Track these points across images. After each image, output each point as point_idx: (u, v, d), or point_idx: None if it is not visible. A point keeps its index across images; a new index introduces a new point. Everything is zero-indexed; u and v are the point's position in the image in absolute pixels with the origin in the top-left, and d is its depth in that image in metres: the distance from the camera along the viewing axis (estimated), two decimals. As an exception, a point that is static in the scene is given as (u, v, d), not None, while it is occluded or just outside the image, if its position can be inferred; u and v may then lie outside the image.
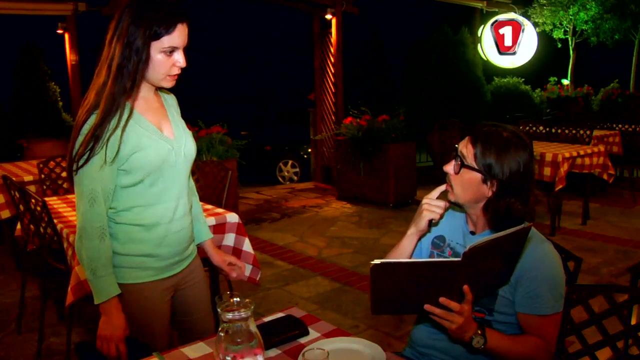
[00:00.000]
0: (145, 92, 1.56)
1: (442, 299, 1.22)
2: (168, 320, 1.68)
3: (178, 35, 1.46)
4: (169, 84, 1.54)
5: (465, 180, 1.43)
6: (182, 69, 1.53)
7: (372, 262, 1.16)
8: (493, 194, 1.40)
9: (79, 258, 1.54)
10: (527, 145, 1.40)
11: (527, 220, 1.45)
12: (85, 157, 1.44)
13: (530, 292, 1.36)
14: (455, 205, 1.53)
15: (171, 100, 1.70)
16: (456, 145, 1.47)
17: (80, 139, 1.45)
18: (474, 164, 1.40)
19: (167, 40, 1.45)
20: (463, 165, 1.42)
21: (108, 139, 1.45)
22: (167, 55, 1.47)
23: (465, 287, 1.22)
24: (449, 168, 1.46)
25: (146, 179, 1.53)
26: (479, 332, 1.28)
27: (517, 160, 1.37)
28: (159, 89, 1.62)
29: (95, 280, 1.49)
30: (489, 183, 1.40)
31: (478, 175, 1.40)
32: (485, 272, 1.26)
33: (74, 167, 1.46)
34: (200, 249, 1.84)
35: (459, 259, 1.18)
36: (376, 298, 1.22)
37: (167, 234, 1.60)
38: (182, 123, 1.68)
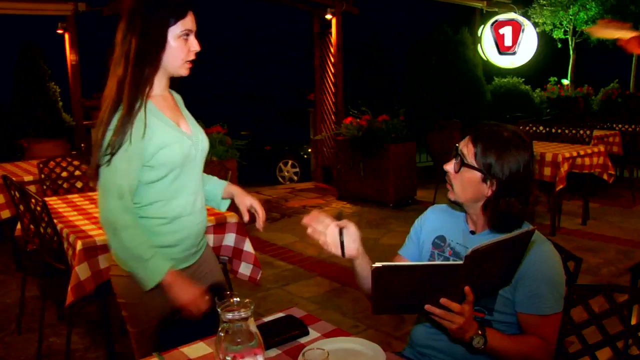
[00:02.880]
0: (161, 89, 1.60)
1: (442, 300, 1.22)
2: None
3: (190, 20, 1.54)
4: (186, 71, 1.59)
5: (465, 179, 1.43)
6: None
7: (373, 265, 1.16)
8: (492, 193, 1.40)
9: (117, 255, 1.55)
10: (527, 146, 1.40)
11: (527, 220, 1.45)
12: (114, 151, 1.46)
13: (530, 292, 1.37)
14: (455, 205, 1.53)
15: (179, 99, 1.74)
16: (457, 145, 1.47)
17: (109, 134, 1.47)
18: (474, 163, 1.41)
19: (181, 25, 1.52)
20: (463, 164, 1.42)
21: (134, 135, 1.47)
22: (183, 40, 1.54)
23: (467, 288, 1.22)
24: (449, 167, 1.47)
25: (170, 174, 1.58)
26: (479, 332, 1.28)
27: (517, 160, 1.37)
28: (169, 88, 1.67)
29: (146, 264, 1.50)
30: (488, 182, 1.40)
31: (478, 174, 1.40)
32: (487, 273, 1.26)
33: (103, 162, 1.47)
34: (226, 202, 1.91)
35: (461, 261, 1.17)
36: (377, 298, 1.22)
37: (188, 225, 1.65)
38: (192, 119, 1.73)
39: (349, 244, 1.44)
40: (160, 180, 1.57)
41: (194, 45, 1.56)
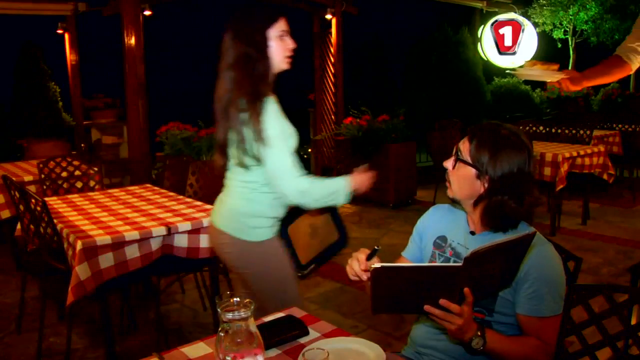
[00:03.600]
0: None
1: (442, 301, 1.22)
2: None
3: (283, 23, 1.84)
4: (287, 65, 1.88)
5: (461, 175, 1.45)
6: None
7: (372, 266, 1.16)
8: (485, 190, 1.41)
9: (317, 205, 1.86)
10: (524, 147, 1.39)
11: (524, 220, 1.45)
12: (287, 134, 1.80)
13: (530, 293, 1.36)
14: (456, 204, 1.53)
15: None
16: (458, 143, 1.49)
17: (276, 121, 1.77)
18: (468, 159, 1.42)
19: (277, 27, 1.82)
20: (458, 159, 1.45)
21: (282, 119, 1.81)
22: (281, 40, 1.83)
23: (466, 290, 1.21)
24: (448, 164, 1.49)
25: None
26: (479, 333, 1.28)
27: (512, 160, 1.37)
28: None
29: (336, 193, 1.85)
30: (482, 179, 1.40)
31: (472, 171, 1.42)
32: (487, 275, 1.26)
33: (272, 147, 1.75)
34: None
35: (459, 263, 1.17)
36: (376, 298, 1.22)
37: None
38: None
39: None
40: None
41: (290, 43, 1.86)
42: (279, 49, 1.84)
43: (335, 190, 1.85)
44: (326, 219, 2.09)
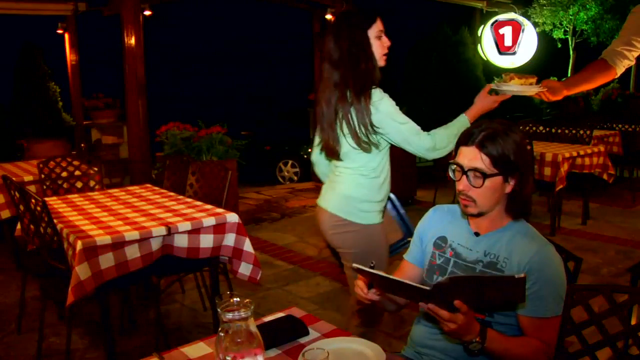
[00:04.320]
0: None
1: (430, 306, 1.21)
2: None
3: (380, 23, 2.02)
4: (384, 62, 2.06)
5: (489, 189, 1.42)
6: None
7: (354, 265, 1.29)
8: (515, 184, 1.43)
9: (449, 147, 2.05)
10: (518, 134, 1.44)
11: (524, 215, 1.46)
12: (398, 108, 2.03)
13: (531, 294, 1.36)
14: (475, 216, 1.50)
15: None
16: (455, 162, 1.45)
17: (387, 101, 2.00)
18: (494, 170, 1.40)
19: (375, 27, 2.02)
20: (486, 176, 1.40)
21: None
22: (378, 39, 2.02)
23: (457, 302, 1.20)
24: (464, 185, 1.44)
25: (387, 147, 2.10)
26: (478, 339, 1.27)
27: (522, 154, 1.43)
28: None
29: (458, 129, 2.01)
30: (509, 180, 1.43)
31: (499, 178, 1.42)
32: (483, 296, 1.24)
33: (398, 118, 2.01)
34: None
35: (428, 287, 1.18)
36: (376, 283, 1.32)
37: (389, 186, 2.16)
38: None
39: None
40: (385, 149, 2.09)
41: (386, 41, 2.04)
42: (379, 46, 2.03)
43: (457, 132, 1.98)
44: (390, 219, 2.27)
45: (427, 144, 2.02)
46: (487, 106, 2.11)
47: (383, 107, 1.98)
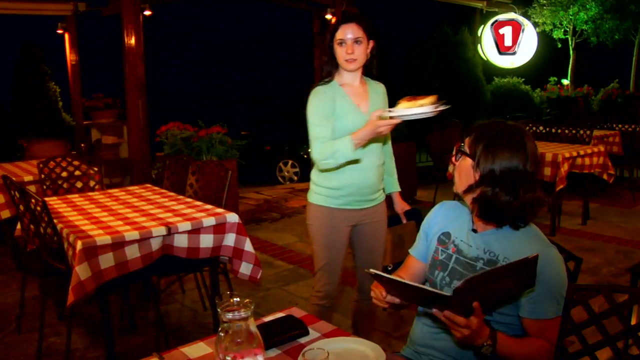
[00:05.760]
0: (350, 80, 2.32)
1: (446, 313, 1.21)
2: (346, 245, 2.34)
3: (342, 32, 2.22)
4: (348, 66, 2.26)
5: (462, 167, 1.47)
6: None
7: (370, 270, 1.25)
8: (475, 181, 1.42)
9: (328, 162, 2.13)
10: (522, 146, 1.38)
11: (520, 215, 1.42)
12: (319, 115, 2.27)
13: (534, 296, 1.37)
14: (461, 200, 1.55)
15: (380, 89, 2.42)
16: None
17: (315, 111, 2.27)
18: (467, 150, 1.45)
19: (337, 36, 2.23)
20: (459, 150, 1.48)
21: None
22: (339, 46, 2.24)
23: (475, 304, 1.20)
24: (454, 159, 1.53)
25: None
26: (489, 342, 1.27)
27: (505, 156, 1.37)
28: (369, 80, 2.40)
29: (342, 149, 2.08)
30: (475, 170, 1.42)
31: (469, 161, 1.44)
32: (496, 291, 1.25)
33: (315, 137, 2.22)
34: (389, 197, 2.57)
35: (449, 293, 1.17)
36: (391, 288, 1.30)
37: (353, 180, 2.25)
38: (381, 105, 2.33)
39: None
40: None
41: (347, 49, 2.22)
42: (339, 53, 2.29)
43: (336, 148, 2.09)
44: (413, 229, 2.42)
45: (314, 150, 2.17)
46: (370, 130, 2.04)
47: (308, 105, 2.26)
